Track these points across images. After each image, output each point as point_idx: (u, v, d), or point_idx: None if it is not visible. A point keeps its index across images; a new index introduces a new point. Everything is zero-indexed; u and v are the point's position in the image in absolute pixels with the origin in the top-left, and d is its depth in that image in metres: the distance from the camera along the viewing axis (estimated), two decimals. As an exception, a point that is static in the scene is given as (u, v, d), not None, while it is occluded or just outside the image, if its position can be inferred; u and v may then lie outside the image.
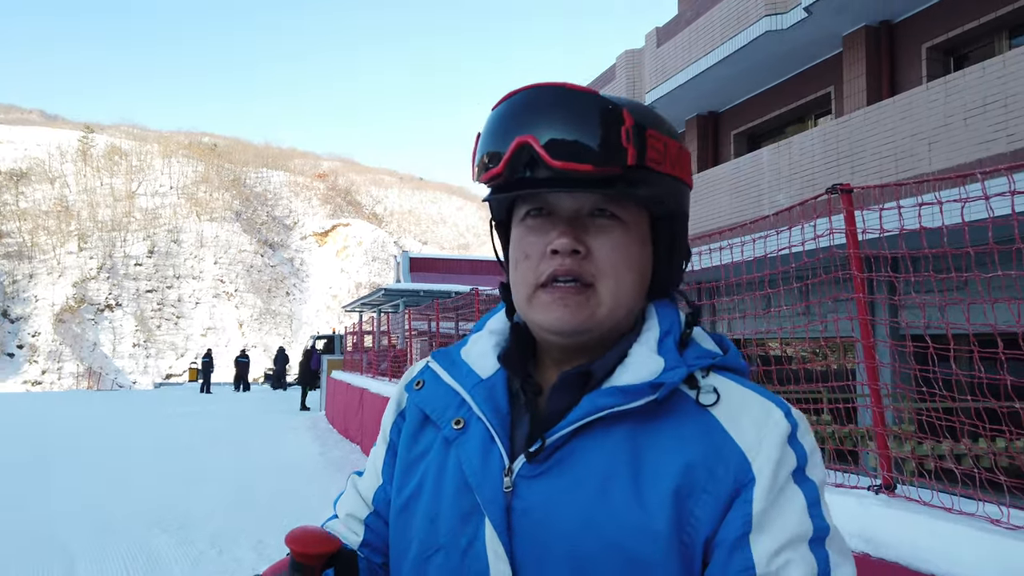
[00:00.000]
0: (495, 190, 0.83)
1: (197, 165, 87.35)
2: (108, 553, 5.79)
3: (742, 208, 10.89)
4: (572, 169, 0.76)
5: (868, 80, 10.67)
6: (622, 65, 15.34)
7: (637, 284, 0.83)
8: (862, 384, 3.09)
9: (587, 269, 0.80)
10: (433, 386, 0.90)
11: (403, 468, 0.90)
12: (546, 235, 0.81)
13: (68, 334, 62.40)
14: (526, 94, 0.80)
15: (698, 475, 0.75)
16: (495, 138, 0.81)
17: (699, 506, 0.74)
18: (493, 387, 0.85)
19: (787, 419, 0.78)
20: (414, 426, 0.91)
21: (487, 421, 0.82)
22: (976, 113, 7.47)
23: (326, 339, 27.72)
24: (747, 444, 0.76)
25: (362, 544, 0.95)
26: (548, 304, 0.80)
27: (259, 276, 76.28)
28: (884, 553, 2.57)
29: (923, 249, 2.55)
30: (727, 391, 0.80)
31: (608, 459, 0.77)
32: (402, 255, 27.27)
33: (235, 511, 7.16)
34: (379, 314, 20.96)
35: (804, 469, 0.77)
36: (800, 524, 0.74)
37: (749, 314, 3.87)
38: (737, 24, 11.74)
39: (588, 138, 0.76)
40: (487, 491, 0.79)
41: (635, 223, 0.83)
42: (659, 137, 0.81)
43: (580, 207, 0.81)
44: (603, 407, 0.77)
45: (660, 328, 0.84)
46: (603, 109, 0.78)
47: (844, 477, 3.23)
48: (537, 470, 0.78)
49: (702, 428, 0.77)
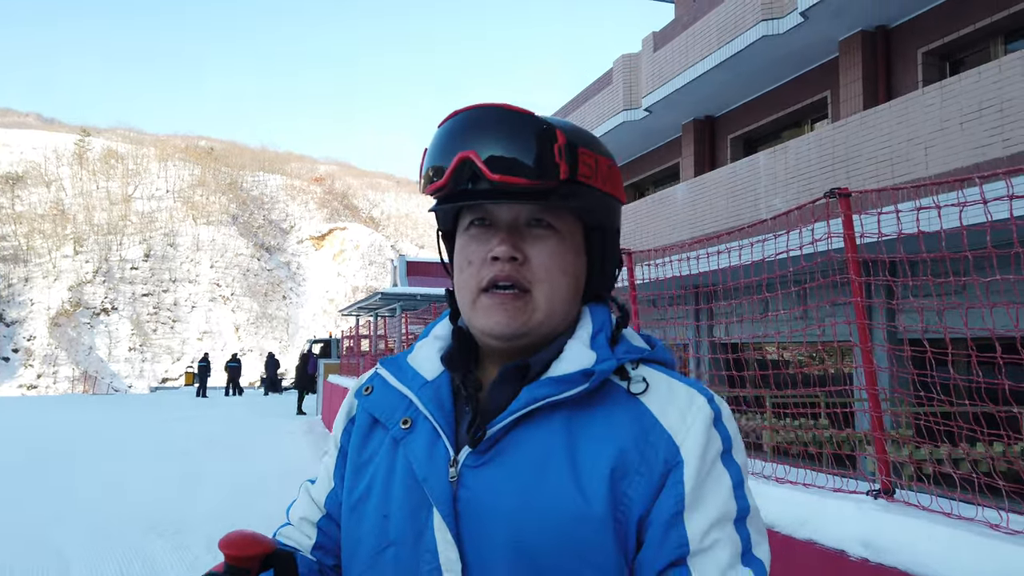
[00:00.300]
0: (440, 201, 0.89)
1: (193, 169, 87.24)
2: (103, 558, 5.76)
3: (739, 212, 10.90)
4: (509, 182, 0.83)
5: (864, 85, 10.70)
6: (619, 69, 15.36)
7: (571, 289, 0.90)
8: (860, 388, 3.09)
9: (524, 275, 0.86)
10: (382, 391, 0.95)
11: (353, 469, 0.93)
12: (487, 243, 0.88)
13: (64, 338, 62.21)
14: (469, 113, 0.87)
15: (631, 458, 0.81)
16: (440, 153, 0.87)
17: (632, 487, 0.80)
18: (438, 387, 0.90)
19: (710, 405, 0.85)
20: (363, 429, 0.95)
21: (432, 418, 0.87)
22: (972, 118, 7.48)
23: (323, 343, 27.66)
24: (674, 429, 0.82)
25: (314, 547, 0.98)
26: (489, 308, 0.87)
27: (255, 280, 76.16)
28: (883, 558, 2.57)
29: (921, 253, 2.55)
30: (655, 381, 0.87)
31: (546, 446, 0.82)
32: (399, 259, 27.22)
33: (231, 516, 7.12)
34: (376, 318, 20.92)
35: (730, 452, 0.84)
36: (727, 503, 0.80)
37: (746, 318, 3.87)
38: (734, 29, 11.77)
39: (524, 154, 0.83)
40: (434, 482, 0.83)
41: (569, 233, 0.90)
42: (590, 155, 0.89)
43: (517, 217, 0.88)
44: (540, 397, 0.83)
45: (593, 326, 0.90)
46: (538, 128, 0.85)
47: (843, 482, 3.23)
48: (480, 460, 0.83)
49: (633, 415, 0.83)
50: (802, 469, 3.47)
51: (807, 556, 2.88)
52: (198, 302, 71.26)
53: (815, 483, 3.30)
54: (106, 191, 78.93)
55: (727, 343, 5.00)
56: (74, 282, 67.09)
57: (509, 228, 0.88)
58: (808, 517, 2.99)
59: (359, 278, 79.07)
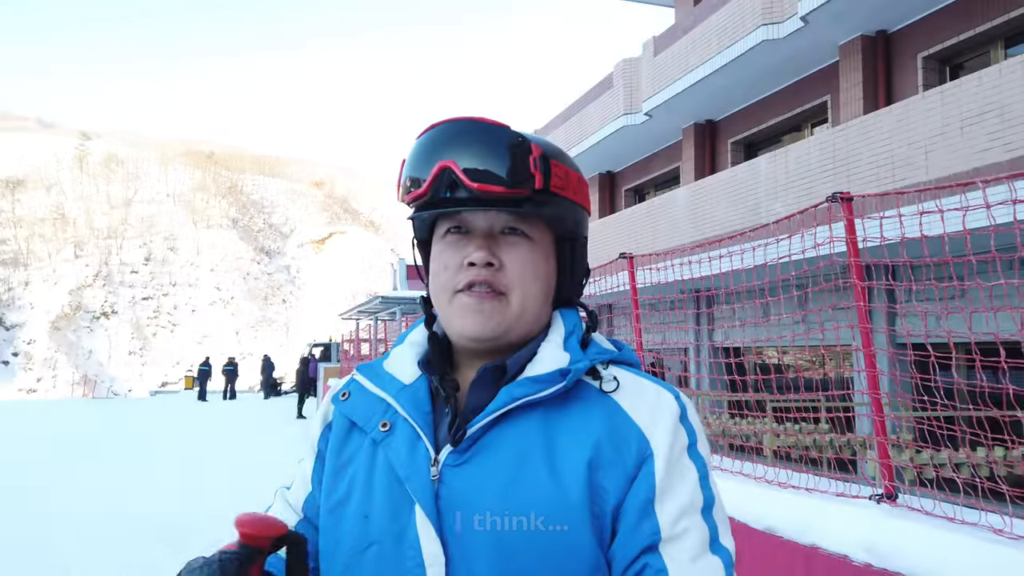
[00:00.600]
0: (419, 209, 0.93)
1: (194, 172, 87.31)
2: (105, 564, 5.75)
3: (739, 216, 10.90)
4: (487, 191, 0.87)
5: (864, 89, 10.71)
6: (619, 74, 15.38)
7: (542, 293, 0.94)
8: (863, 393, 3.08)
9: (500, 280, 0.90)
10: (359, 396, 0.97)
11: (332, 473, 0.95)
12: (463, 249, 0.91)
13: (63, 341, 62.17)
14: (448, 126, 0.91)
15: (605, 451, 0.84)
16: (420, 163, 0.90)
17: (607, 479, 0.84)
18: (416, 391, 0.93)
19: (676, 401, 0.89)
20: (341, 433, 0.97)
21: (412, 420, 0.90)
22: (973, 122, 7.49)
23: (323, 347, 27.64)
24: (644, 423, 0.86)
25: None
26: (465, 307, 0.90)
27: (255, 283, 76.15)
28: (886, 563, 2.56)
29: (924, 257, 2.54)
30: (625, 380, 0.91)
31: (524, 442, 0.86)
32: (398, 262, 27.23)
33: (232, 520, 7.11)
34: (376, 321, 20.91)
35: (695, 445, 0.88)
36: (694, 493, 0.84)
37: (749, 322, 3.86)
38: (734, 33, 11.78)
39: (501, 164, 0.87)
40: (416, 481, 0.86)
41: (541, 240, 0.94)
42: (562, 167, 0.93)
43: (493, 225, 0.92)
44: (519, 396, 0.86)
45: (565, 329, 0.95)
46: (514, 141, 0.89)
47: (845, 486, 3.22)
48: (460, 459, 0.86)
49: (606, 411, 0.87)
50: (804, 474, 3.46)
51: (810, 561, 2.88)
52: (198, 306, 71.27)
53: (817, 488, 3.29)
54: (106, 195, 78.96)
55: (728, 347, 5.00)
56: (74, 286, 67.07)
57: (485, 235, 0.91)
58: (811, 522, 2.98)
59: (359, 282, 79.06)
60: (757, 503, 3.32)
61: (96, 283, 68.27)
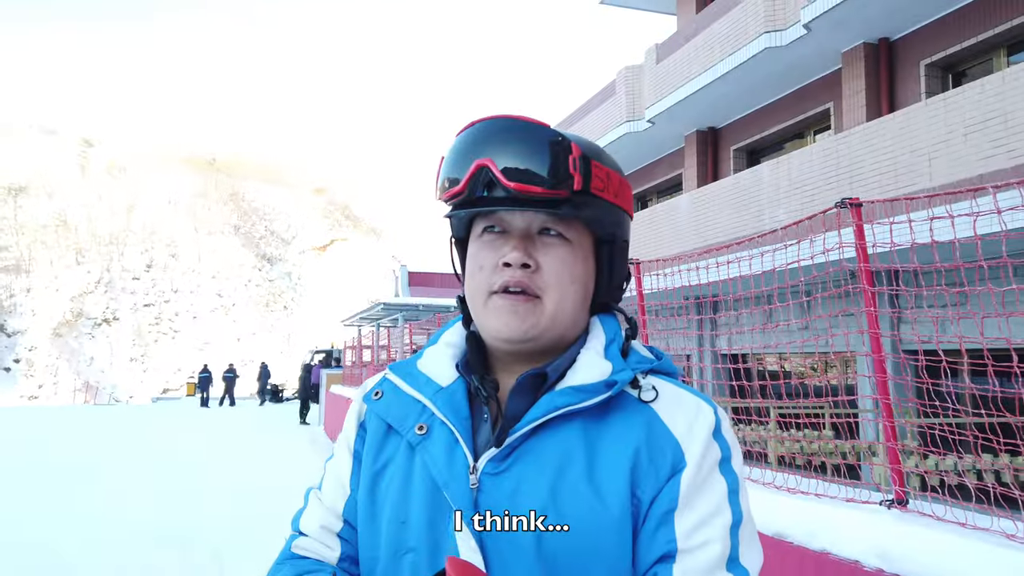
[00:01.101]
0: (456, 207, 0.92)
1: (196, 179, 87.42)
2: (109, 569, 5.74)
3: (742, 223, 10.91)
4: (525, 190, 0.86)
5: (867, 96, 10.73)
6: (621, 81, 15.42)
7: (579, 297, 0.92)
8: (873, 398, 3.08)
9: (535, 282, 0.89)
10: (392, 396, 0.96)
11: (370, 477, 0.94)
12: (499, 250, 0.90)
13: (65, 348, 62.15)
14: (487, 124, 0.90)
15: (642, 461, 0.84)
16: (458, 161, 0.90)
17: (641, 489, 0.83)
18: (453, 393, 0.91)
19: (714, 415, 0.88)
20: (379, 436, 0.95)
21: (450, 424, 0.88)
22: (976, 129, 7.51)
23: (325, 353, 27.63)
24: (681, 435, 0.86)
25: (341, 558, 0.97)
26: (499, 309, 0.89)
27: (257, 290, 76.16)
28: (898, 568, 2.56)
29: (935, 263, 2.55)
30: (664, 390, 0.90)
31: (565, 452, 0.85)
32: (400, 269, 27.24)
33: (236, 527, 7.10)
34: (378, 328, 20.91)
35: (729, 460, 0.87)
36: (719, 508, 0.83)
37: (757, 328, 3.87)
38: (736, 41, 11.82)
39: (540, 164, 0.86)
40: (454, 489, 0.84)
41: (579, 243, 0.92)
42: (602, 168, 0.91)
43: (530, 226, 0.91)
44: (561, 405, 0.85)
45: (605, 337, 0.93)
46: (554, 140, 0.87)
47: (854, 492, 3.22)
48: (500, 467, 0.85)
49: (644, 421, 0.87)
50: (812, 479, 3.46)
51: (821, 567, 2.87)
52: (199, 312, 71.24)
53: (827, 493, 3.29)
54: (108, 202, 79.08)
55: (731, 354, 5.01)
56: (76, 292, 67.11)
57: (522, 236, 0.90)
58: (821, 528, 2.98)
59: (361, 288, 79.04)
60: (765, 508, 3.32)
61: (98, 290, 68.31)
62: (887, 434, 2.94)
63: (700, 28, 12.90)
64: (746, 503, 0.87)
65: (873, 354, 2.88)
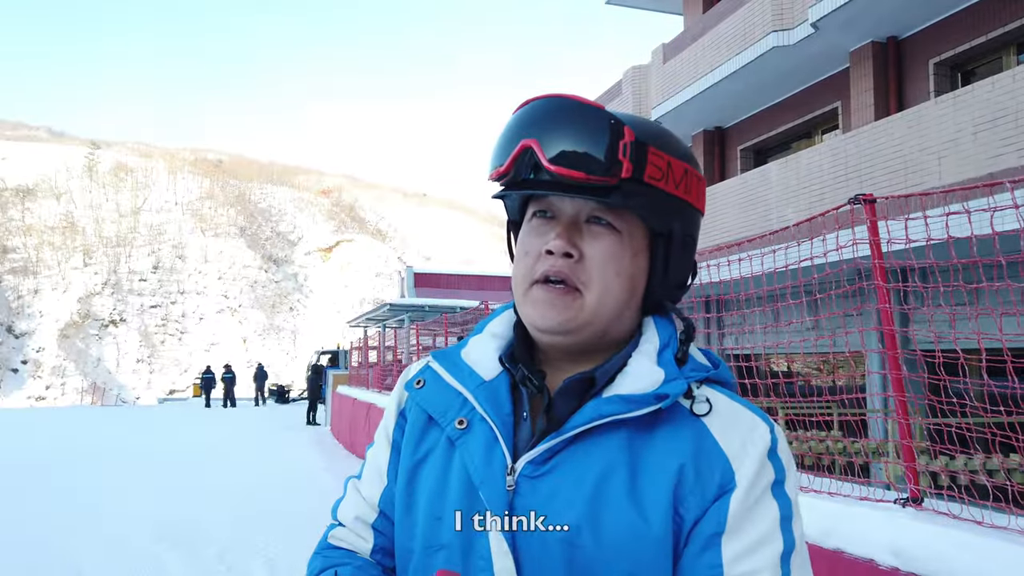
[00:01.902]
0: (503, 188, 0.89)
1: (202, 181, 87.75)
2: (116, 567, 5.75)
3: (750, 223, 10.88)
4: (565, 175, 0.81)
5: (875, 95, 10.69)
6: (628, 81, 15.41)
7: (625, 292, 0.86)
8: (886, 396, 3.06)
9: (577, 273, 0.84)
10: (434, 386, 0.92)
11: (408, 468, 0.91)
12: (544, 236, 0.86)
13: (72, 349, 62.42)
14: (540, 103, 0.85)
15: (688, 478, 0.79)
16: (505, 140, 0.86)
17: (684, 507, 0.79)
18: (496, 388, 0.88)
19: (770, 434, 0.83)
20: (419, 427, 0.92)
21: (491, 421, 0.85)
22: (986, 127, 7.47)
23: (330, 354, 27.68)
24: (733, 453, 0.81)
25: (374, 550, 0.95)
26: (537, 300, 0.85)
27: (263, 292, 76.36)
28: (914, 567, 2.54)
29: (951, 259, 2.53)
30: (718, 403, 0.84)
31: (607, 462, 0.80)
32: (406, 270, 27.27)
33: (243, 527, 7.11)
34: (384, 329, 20.94)
35: (783, 483, 0.81)
36: (770, 535, 0.78)
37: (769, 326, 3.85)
38: (744, 40, 11.79)
39: (586, 148, 0.81)
40: (490, 489, 0.82)
41: (631, 234, 0.86)
42: (663, 156, 0.84)
43: (579, 213, 0.86)
44: (608, 414, 0.81)
45: (659, 340, 0.88)
46: (605, 123, 0.82)
47: (869, 490, 3.20)
48: (539, 471, 0.82)
49: (694, 435, 0.82)
50: (824, 478, 3.44)
51: (834, 565, 2.85)
52: (206, 314, 71.46)
53: (840, 492, 3.27)
54: (115, 204, 79.40)
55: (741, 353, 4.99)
56: (83, 294, 67.40)
57: (568, 223, 0.86)
58: (834, 526, 2.96)
59: (366, 290, 79.15)
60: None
61: (105, 291, 68.59)
62: (901, 432, 2.92)
63: (707, 27, 12.88)
64: (799, 530, 0.81)
65: (887, 351, 2.86)
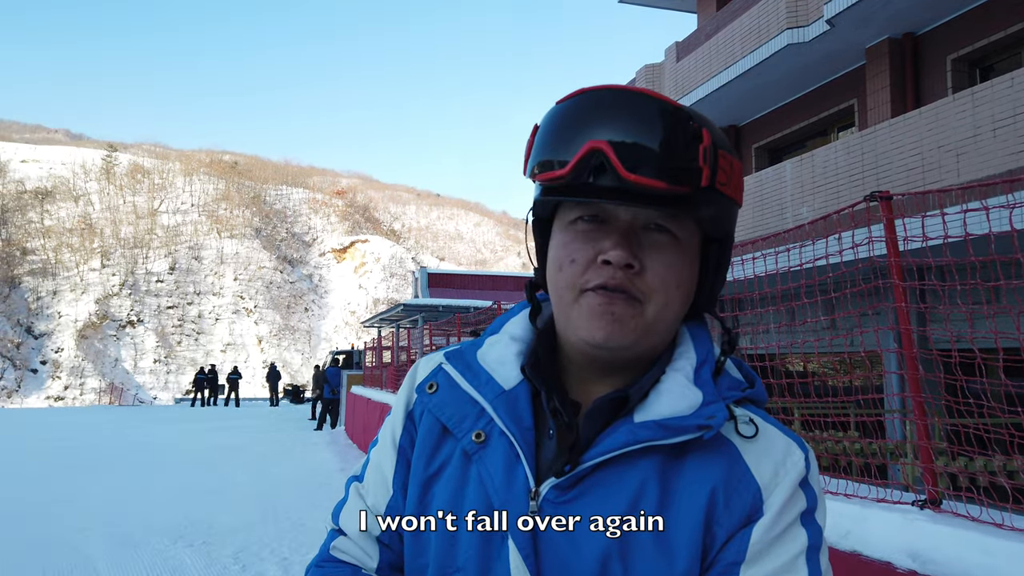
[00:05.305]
0: (553, 192, 0.78)
1: (218, 183, 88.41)
2: (132, 566, 5.79)
3: (765, 221, 10.81)
4: (644, 184, 0.71)
5: (892, 92, 10.58)
6: (641, 79, 15.35)
7: (681, 304, 0.80)
8: (903, 396, 3.02)
9: (638, 285, 0.76)
10: (448, 392, 0.85)
11: (420, 483, 0.84)
12: (598, 243, 0.77)
13: (90, 350, 63.09)
14: (603, 94, 0.75)
15: (719, 503, 0.75)
16: (563, 137, 0.75)
17: (712, 533, 0.75)
18: (516, 400, 0.81)
19: (804, 461, 0.78)
20: (433, 437, 0.85)
21: (512, 437, 0.78)
22: (1006, 124, 7.37)
23: (345, 354, 27.78)
24: (765, 482, 0.76)
25: (380, 567, 0.88)
26: (593, 309, 0.76)
27: (278, 292, 76.83)
28: (932, 570, 2.50)
29: (969, 257, 2.49)
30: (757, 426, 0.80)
31: (638, 490, 0.75)
32: (420, 271, 27.32)
33: (258, 526, 7.14)
34: (398, 329, 20.99)
35: (813, 512, 0.77)
36: (793, 565, 0.73)
37: (784, 326, 3.81)
38: (758, 37, 11.71)
39: (666, 153, 0.72)
40: (512, 512, 0.76)
41: (688, 242, 0.79)
42: (728, 157, 0.77)
43: (636, 219, 0.77)
44: (643, 440, 0.75)
45: (697, 356, 0.81)
46: (685, 124, 0.73)
47: (885, 492, 3.16)
48: (564, 496, 0.76)
49: (727, 460, 0.76)
50: (841, 479, 3.40)
51: (851, 567, 2.82)
52: (222, 314, 72.03)
53: (857, 493, 3.23)
54: (132, 205, 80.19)
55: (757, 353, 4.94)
56: (101, 295, 68.12)
57: (625, 231, 0.76)
58: (851, 528, 2.92)
59: (380, 290, 79.45)
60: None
61: (122, 292, 69.28)
62: (919, 433, 2.88)
63: (720, 25, 12.80)
64: (825, 561, 0.76)
65: (904, 351, 2.82)
